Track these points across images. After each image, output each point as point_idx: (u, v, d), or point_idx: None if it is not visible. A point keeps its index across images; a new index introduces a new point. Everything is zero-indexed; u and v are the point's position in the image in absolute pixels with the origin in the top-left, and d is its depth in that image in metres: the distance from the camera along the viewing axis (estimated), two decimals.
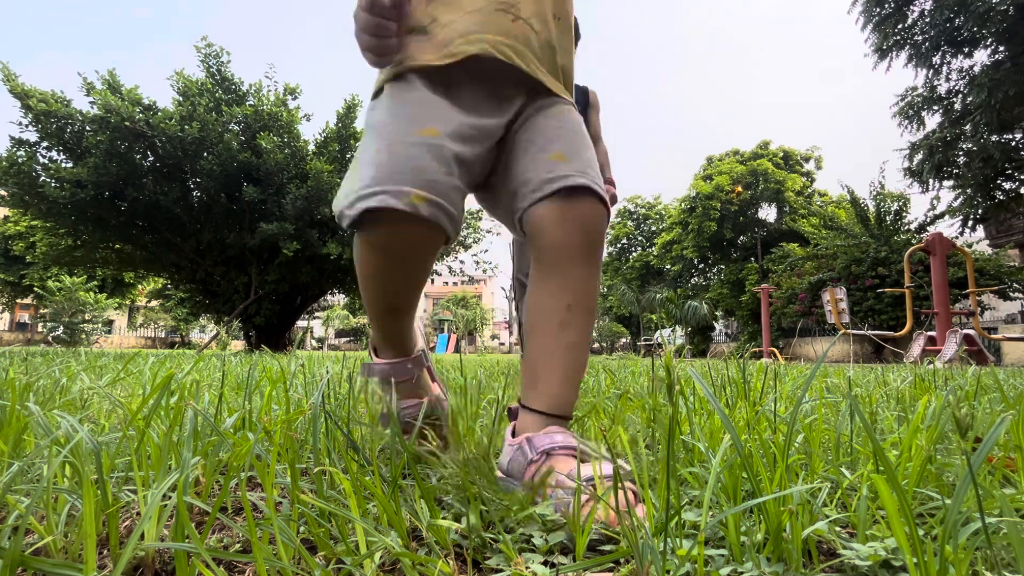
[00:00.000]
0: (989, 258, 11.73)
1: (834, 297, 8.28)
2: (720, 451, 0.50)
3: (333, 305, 38.11)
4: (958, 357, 5.53)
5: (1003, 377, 2.09)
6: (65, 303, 21.89)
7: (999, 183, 9.52)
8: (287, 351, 8.08)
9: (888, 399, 1.23)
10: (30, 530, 0.51)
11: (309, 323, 37.03)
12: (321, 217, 8.32)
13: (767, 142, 23.42)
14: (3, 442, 0.64)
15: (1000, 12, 7.72)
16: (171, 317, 30.10)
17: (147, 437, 0.62)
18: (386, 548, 0.46)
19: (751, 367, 1.73)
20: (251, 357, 3.52)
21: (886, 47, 9.43)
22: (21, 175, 7.61)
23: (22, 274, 22.86)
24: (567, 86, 0.87)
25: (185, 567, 0.40)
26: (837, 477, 0.62)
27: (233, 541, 0.57)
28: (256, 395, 1.18)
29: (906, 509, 0.39)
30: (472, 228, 10.28)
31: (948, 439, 0.77)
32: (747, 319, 19.36)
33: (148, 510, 0.42)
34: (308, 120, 9.30)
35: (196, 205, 8.72)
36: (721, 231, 21.68)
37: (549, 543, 0.52)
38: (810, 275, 13.07)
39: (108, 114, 7.33)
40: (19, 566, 0.39)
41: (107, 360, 2.58)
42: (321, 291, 10.39)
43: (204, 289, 9.51)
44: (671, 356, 0.62)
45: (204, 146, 7.91)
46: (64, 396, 1.11)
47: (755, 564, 0.45)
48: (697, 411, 0.87)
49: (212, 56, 8.47)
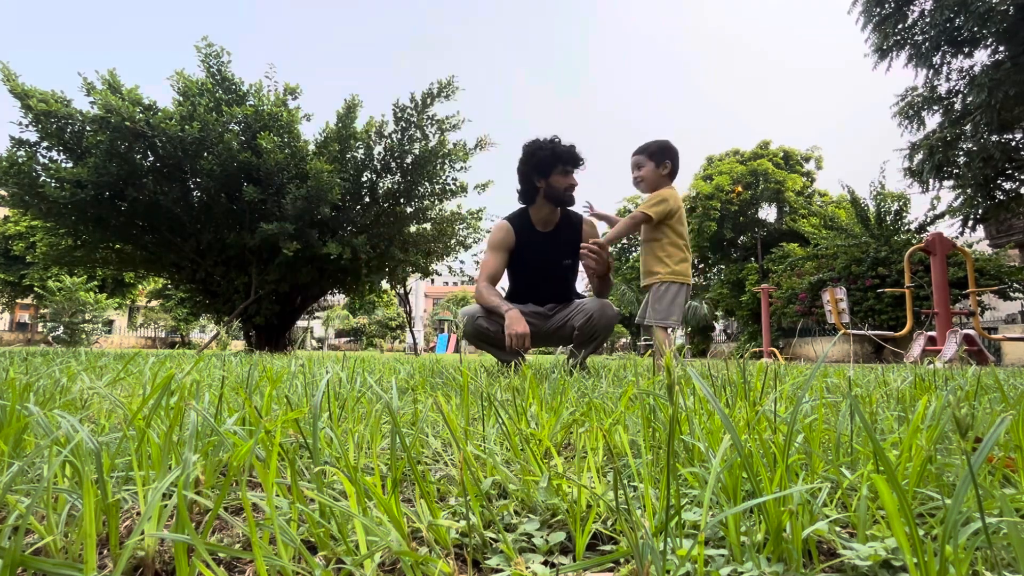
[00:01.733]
0: (989, 258, 11.73)
1: (834, 297, 8.28)
2: (720, 451, 0.50)
3: (333, 305, 38.10)
4: (958, 357, 5.53)
5: (1003, 377, 2.09)
6: (65, 303, 21.90)
7: (999, 183, 9.51)
8: (287, 351, 8.07)
9: (888, 399, 1.23)
10: (30, 530, 0.51)
11: (309, 323, 37.01)
12: (321, 217, 8.31)
13: (767, 142, 23.42)
14: (3, 442, 0.64)
15: (1000, 12, 7.71)
16: (171, 317, 30.10)
17: (147, 437, 0.62)
18: (386, 548, 0.46)
19: (751, 367, 1.73)
20: (251, 357, 3.52)
21: (886, 47, 9.42)
22: (21, 175, 7.60)
23: (22, 274, 22.87)
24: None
25: (185, 566, 0.40)
26: (837, 477, 0.62)
27: (233, 540, 0.57)
28: (256, 395, 1.18)
29: (906, 509, 0.39)
30: (472, 228, 10.28)
31: (948, 439, 0.77)
32: (747, 319, 19.36)
33: (148, 509, 0.42)
34: (308, 120, 9.29)
35: (196, 205, 8.71)
36: (721, 231, 21.67)
37: (549, 543, 0.52)
38: (810, 275, 13.07)
39: (108, 114, 7.32)
40: (19, 566, 0.39)
41: (107, 360, 2.58)
42: (321, 291, 10.37)
43: (204, 289, 9.50)
44: (671, 356, 0.62)
45: (204, 146, 7.90)
46: (64, 396, 1.11)
47: (755, 564, 0.45)
48: (697, 411, 0.87)
49: (212, 56, 8.46)
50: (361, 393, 1.21)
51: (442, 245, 10.16)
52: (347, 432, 0.84)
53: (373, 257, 8.94)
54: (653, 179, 2.75)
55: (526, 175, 2.89)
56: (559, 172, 2.81)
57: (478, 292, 2.84)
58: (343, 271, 9.43)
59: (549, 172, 2.82)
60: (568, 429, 0.95)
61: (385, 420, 1.04)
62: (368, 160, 9.17)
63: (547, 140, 2.87)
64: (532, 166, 2.85)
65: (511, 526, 0.57)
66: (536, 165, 2.84)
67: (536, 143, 2.87)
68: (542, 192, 2.87)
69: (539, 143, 2.86)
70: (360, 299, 11.93)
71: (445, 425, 0.87)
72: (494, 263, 2.88)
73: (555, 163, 2.80)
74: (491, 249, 2.91)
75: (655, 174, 2.75)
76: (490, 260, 2.89)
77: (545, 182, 2.84)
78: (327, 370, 1.70)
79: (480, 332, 2.74)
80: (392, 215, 9.33)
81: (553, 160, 2.80)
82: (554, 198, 2.86)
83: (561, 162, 2.80)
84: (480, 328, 2.73)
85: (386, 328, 41.54)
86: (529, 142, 2.90)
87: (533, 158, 2.84)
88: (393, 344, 41.62)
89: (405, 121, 8.93)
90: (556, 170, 2.81)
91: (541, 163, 2.82)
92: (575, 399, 1.24)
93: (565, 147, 2.83)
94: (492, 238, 2.93)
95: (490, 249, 2.92)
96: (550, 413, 1.00)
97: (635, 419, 0.97)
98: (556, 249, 2.94)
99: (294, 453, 0.57)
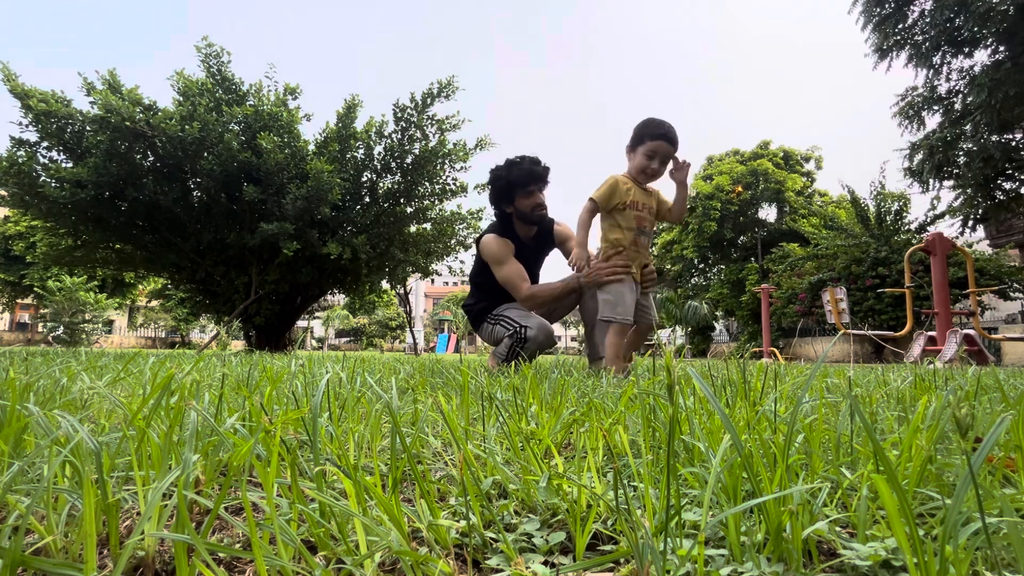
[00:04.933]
0: (989, 258, 11.74)
1: (834, 297, 8.28)
2: (720, 451, 0.50)
3: (333, 305, 38.10)
4: (958, 357, 5.53)
5: (1003, 377, 2.09)
6: (65, 303, 21.90)
7: (999, 183, 9.51)
8: (287, 351, 8.08)
9: (888, 399, 1.23)
10: (30, 530, 0.51)
11: (309, 323, 37.03)
12: (321, 217, 8.31)
13: (767, 142, 23.42)
14: (3, 442, 0.64)
15: (1000, 12, 7.71)
16: (171, 317, 30.12)
17: (147, 437, 0.62)
18: (387, 547, 0.46)
19: (751, 367, 1.73)
20: (251, 357, 3.52)
21: (886, 47, 9.42)
22: (21, 175, 7.59)
23: (22, 274, 22.88)
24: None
25: (185, 566, 0.40)
26: (837, 477, 0.62)
27: (234, 541, 0.57)
28: (256, 395, 1.17)
29: (906, 509, 0.39)
30: (472, 228, 10.28)
31: (948, 439, 0.77)
32: (747, 319, 19.36)
33: (148, 509, 0.42)
34: (308, 120, 9.29)
35: (196, 205, 8.71)
36: (721, 231, 21.67)
37: (549, 543, 0.52)
38: (810, 275, 13.07)
39: (108, 114, 7.31)
40: (19, 566, 0.39)
41: (107, 360, 2.58)
42: (321, 291, 10.37)
43: (204, 289, 9.50)
44: (671, 356, 0.62)
45: (204, 146, 7.89)
46: (64, 396, 1.11)
47: (755, 564, 0.45)
48: (697, 411, 0.87)
49: (212, 56, 8.46)
50: (361, 393, 1.21)
51: (442, 245, 10.16)
52: (347, 432, 0.84)
53: (373, 257, 8.94)
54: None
55: (495, 203, 3.01)
56: (522, 196, 2.88)
57: (529, 295, 2.90)
58: (343, 271, 9.43)
59: (512, 198, 2.90)
60: (568, 429, 0.95)
61: (385, 420, 1.04)
62: (368, 160, 9.16)
63: (503, 167, 2.93)
64: (495, 195, 2.96)
65: (511, 526, 0.57)
66: (498, 194, 2.94)
67: (494, 172, 2.96)
68: (514, 215, 2.97)
69: (497, 172, 2.94)
70: (360, 299, 11.92)
71: (445, 425, 0.87)
72: (518, 268, 2.93)
73: (512, 190, 2.88)
74: (503, 260, 2.94)
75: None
76: (512, 268, 2.93)
77: (512, 207, 2.93)
78: (327, 370, 1.70)
79: (554, 343, 2.92)
80: (392, 215, 9.32)
81: (509, 188, 2.88)
82: (525, 219, 2.95)
83: (519, 187, 2.86)
84: (555, 340, 2.91)
85: (386, 328, 41.55)
86: (491, 170, 3.00)
87: (494, 188, 2.95)
88: (393, 344, 41.63)
89: (405, 121, 8.92)
90: (518, 195, 2.88)
91: (501, 192, 2.92)
92: (575, 399, 1.24)
93: (521, 171, 2.86)
94: (498, 251, 2.95)
95: (502, 261, 2.94)
96: (550, 413, 1.00)
97: (635, 419, 0.97)
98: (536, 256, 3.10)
99: (294, 452, 0.57)
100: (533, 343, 2.73)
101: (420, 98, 8.81)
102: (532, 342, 2.73)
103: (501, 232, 2.98)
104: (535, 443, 0.79)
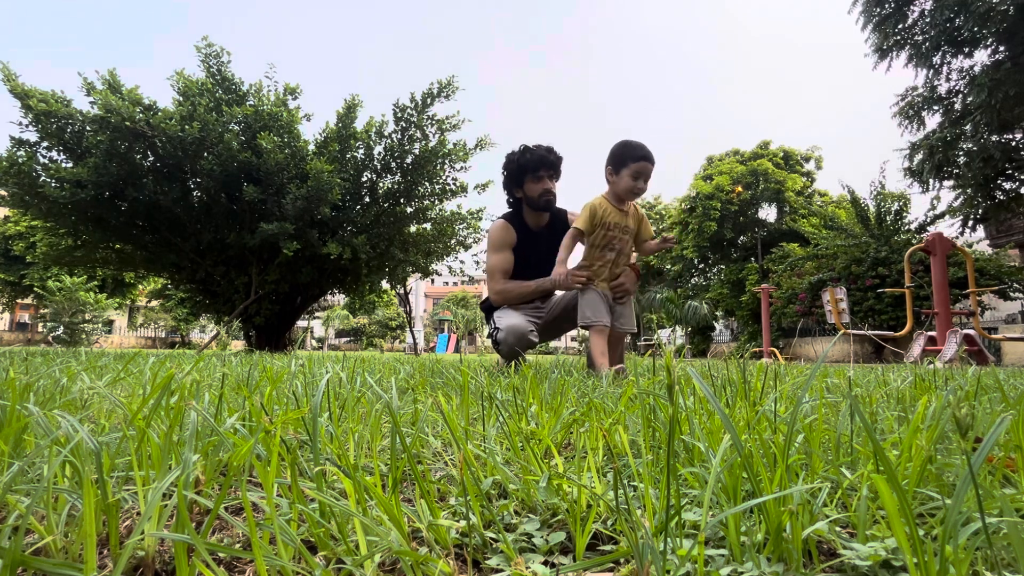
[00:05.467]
0: (989, 258, 11.74)
1: (834, 297, 8.28)
2: (720, 451, 0.50)
3: (333, 305, 38.08)
4: (958, 357, 5.53)
5: (1003, 377, 2.09)
6: (65, 303, 21.90)
7: (999, 183, 9.51)
8: (287, 351, 8.07)
9: (888, 399, 1.23)
10: (30, 530, 0.51)
11: (309, 323, 37.02)
12: (321, 217, 8.31)
13: (767, 142, 23.41)
14: (3, 442, 0.64)
15: (1000, 12, 7.71)
16: (171, 317, 30.12)
17: (147, 437, 0.62)
18: (387, 547, 0.46)
19: (751, 367, 1.73)
20: (251, 357, 3.52)
21: (886, 47, 9.42)
22: (21, 175, 7.59)
23: (22, 274, 22.88)
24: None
25: (185, 566, 0.40)
26: (837, 477, 0.62)
27: (234, 541, 0.57)
28: (256, 395, 1.17)
29: (906, 509, 0.39)
30: (472, 228, 10.28)
31: (948, 439, 0.77)
32: (747, 319, 19.36)
33: (148, 509, 0.42)
34: (308, 120, 9.28)
35: (196, 205, 8.70)
36: (721, 231, 21.67)
37: (549, 543, 0.52)
38: (810, 275, 13.07)
39: (108, 114, 7.31)
40: (19, 566, 0.39)
41: (107, 360, 2.58)
42: (321, 291, 10.36)
43: (204, 289, 9.50)
44: (671, 356, 0.62)
45: (204, 146, 7.89)
46: (64, 396, 1.11)
47: (755, 564, 0.45)
48: (697, 411, 0.87)
49: (212, 56, 8.46)
50: (361, 393, 1.21)
51: (442, 245, 10.16)
52: (347, 432, 0.84)
53: (373, 257, 8.94)
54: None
55: (506, 188, 3.06)
56: (531, 181, 2.92)
57: (503, 291, 2.93)
58: (343, 271, 9.42)
59: (522, 183, 2.95)
60: (568, 429, 0.95)
61: (385, 420, 1.04)
62: (368, 160, 9.16)
63: (517, 152, 2.98)
64: (507, 179, 3.01)
65: (511, 526, 0.57)
66: (509, 178, 3.00)
67: (509, 156, 3.01)
68: (523, 201, 3.00)
69: (511, 156, 2.99)
70: (360, 299, 11.92)
71: (445, 425, 0.87)
72: (502, 261, 2.97)
73: (523, 174, 2.92)
74: (495, 249, 2.99)
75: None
76: (498, 259, 2.97)
77: (522, 192, 2.97)
78: (327, 370, 1.70)
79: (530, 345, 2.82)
80: (392, 215, 9.32)
81: (520, 172, 2.93)
82: (532, 205, 2.97)
83: (529, 171, 2.90)
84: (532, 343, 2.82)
85: (386, 328, 41.54)
86: (507, 155, 3.03)
87: (506, 172, 3.01)
88: (393, 344, 41.63)
89: (405, 121, 8.92)
90: (527, 179, 2.92)
91: (512, 176, 2.97)
92: (575, 399, 1.24)
93: (532, 156, 2.90)
94: (495, 237, 3.00)
95: (494, 249, 2.99)
96: (550, 413, 1.00)
97: (635, 419, 0.97)
98: (549, 246, 3.03)
99: (294, 452, 0.57)
100: (504, 344, 2.74)
101: (420, 98, 8.81)
102: (503, 344, 2.74)
103: (513, 219, 3.02)
104: (535, 443, 0.79)
